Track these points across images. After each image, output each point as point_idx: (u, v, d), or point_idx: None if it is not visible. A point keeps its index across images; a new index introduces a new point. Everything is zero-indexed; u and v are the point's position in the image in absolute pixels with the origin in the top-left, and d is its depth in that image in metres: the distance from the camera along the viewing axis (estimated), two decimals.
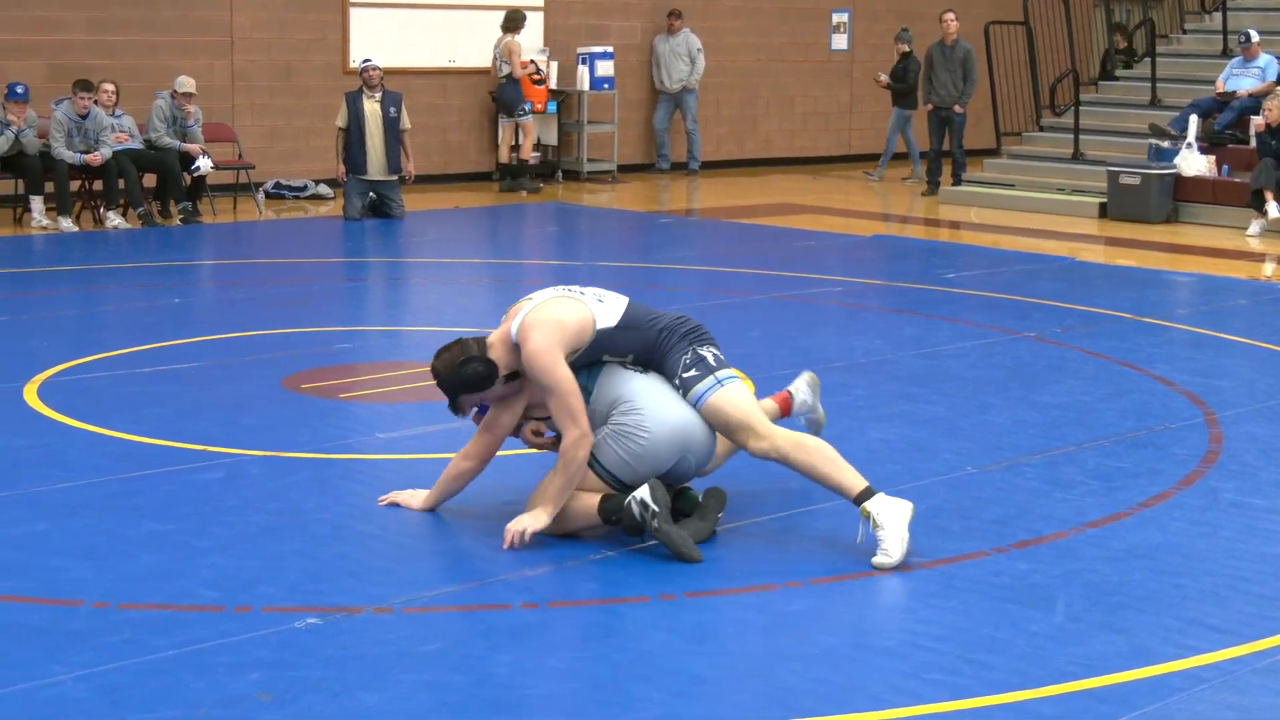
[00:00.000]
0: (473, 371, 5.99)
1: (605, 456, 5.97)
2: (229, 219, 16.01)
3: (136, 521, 6.14)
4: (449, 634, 5.12)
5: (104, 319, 10.78)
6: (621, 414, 5.99)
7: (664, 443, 5.96)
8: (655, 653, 4.99)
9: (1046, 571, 5.79)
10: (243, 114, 17.69)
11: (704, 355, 6.08)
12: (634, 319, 6.13)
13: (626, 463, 5.94)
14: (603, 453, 5.97)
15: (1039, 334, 10.24)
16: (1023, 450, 7.42)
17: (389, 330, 10.54)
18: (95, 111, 14.73)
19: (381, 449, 7.32)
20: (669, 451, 5.97)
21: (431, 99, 19.07)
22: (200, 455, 7.10)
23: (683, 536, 5.77)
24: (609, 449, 5.97)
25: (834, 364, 9.21)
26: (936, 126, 18.92)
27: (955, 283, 12.40)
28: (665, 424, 5.96)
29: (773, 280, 12.46)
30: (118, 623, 5.12)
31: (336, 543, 5.96)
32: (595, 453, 5.97)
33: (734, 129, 22.07)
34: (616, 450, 5.95)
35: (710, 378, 6.03)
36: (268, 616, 5.20)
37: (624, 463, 5.94)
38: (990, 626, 5.25)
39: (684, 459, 6.03)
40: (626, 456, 5.94)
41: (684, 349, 6.08)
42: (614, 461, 5.96)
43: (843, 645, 5.08)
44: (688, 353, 6.07)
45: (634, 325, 6.11)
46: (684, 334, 6.12)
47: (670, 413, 5.99)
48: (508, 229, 16.42)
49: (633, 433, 5.95)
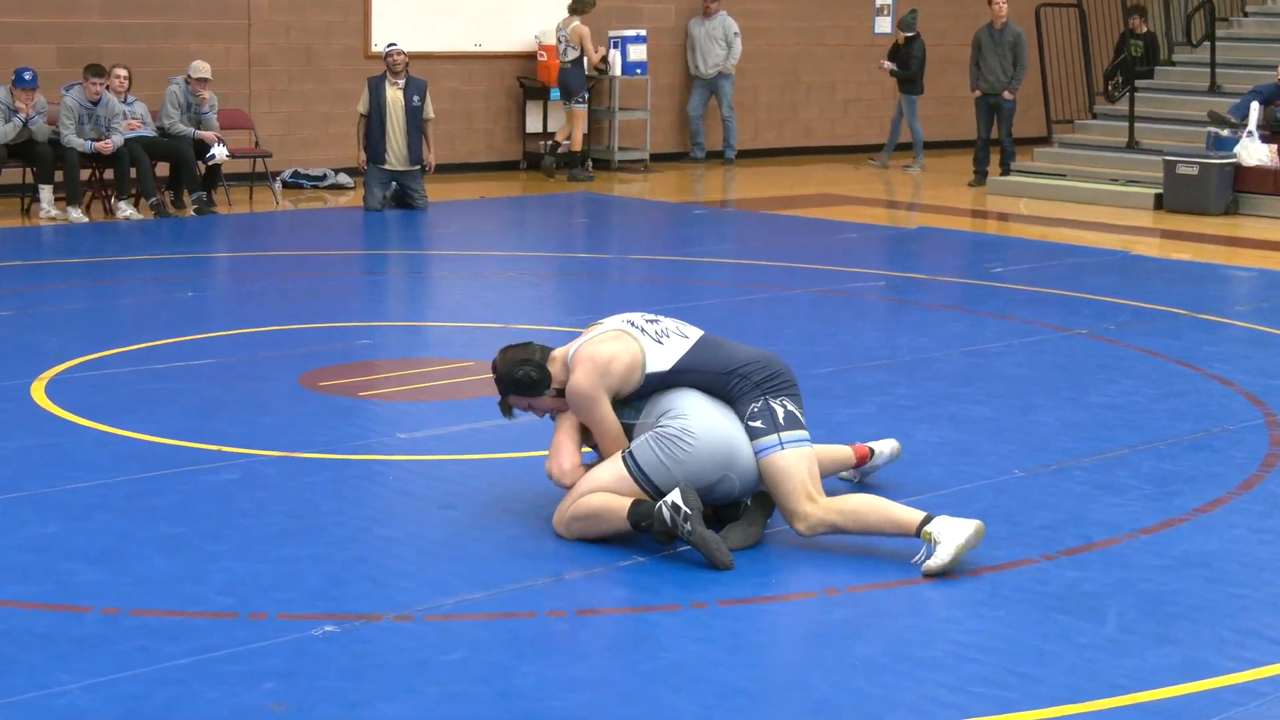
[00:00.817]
0: (524, 375, 6.14)
1: (643, 457, 5.97)
2: (245, 209, 16.05)
3: (148, 524, 6.16)
4: (472, 643, 5.13)
5: (115, 313, 10.82)
6: (668, 419, 6.02)
7: (708, 455, 5.95)
8: (687, 663, 4.99)
9: (1097, 580, 5.77)
10: (260, 100, 17.75)
11: (773, 408, 6.07)
12: (698, 362, 6.13)
13: (665, 467, 5.93)
14: (641, 454, 5.98)
15: (1090, 331, 10.21)
16: (1073, 453, 7.40)
17: (411, 326, 10.56)
18: (107, 98, 14.79)
19: (403, 450, 7.34)
20: (712, 465, 5.97)
21: (456, 84, 19.10)
22: (215, 455, 7.12)
23: (717, 541, 5.77)
24: (649, 450, 5.97)
25: (876, 362, 9.20)
26: (985, 113, 18.87)
27: (1003, 277, 12.36)
28: (712, 435, 5.96)
29: (812, 274, 12.44)
30: (128, 629, 5.15)
31: (355, 547, 5.98)
32: (634, 453, 5.98)
33: (772, 116, 22.04)
34: (657, 453, 5.95)
35: (773, 435, 6.03)
36: (283, 624, 5.21)
37: (663, 467, 5.93)
38: (1038, 637, 5.24)
39: (727, 479, 6.02)
40: (666, 461, 5.93)
41: (755, 397, 6.08)
42: (652, 464, 5.96)
43: (884, 656, 5.07)
44: (757, 401, 6.08)
45: (696, 369, 6.12)
46: (758, 381, 6.10)
47: (719, 426, 6.00)
48: (535, 220, 16.44)
49: (677, 437, 5.95)
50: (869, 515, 5.95)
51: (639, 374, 6.09)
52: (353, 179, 17.65)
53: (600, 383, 6.04)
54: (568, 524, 6.03)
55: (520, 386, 6.17)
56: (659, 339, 6.16)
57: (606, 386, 6.05)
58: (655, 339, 6.16)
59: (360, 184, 16.68)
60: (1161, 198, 16.93)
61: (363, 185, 16.16)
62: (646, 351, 6.11)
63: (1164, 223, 16.09)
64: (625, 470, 5.98)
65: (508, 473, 6.90)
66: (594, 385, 6.04)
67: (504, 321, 10.21)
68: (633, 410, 6.15)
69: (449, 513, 6.37)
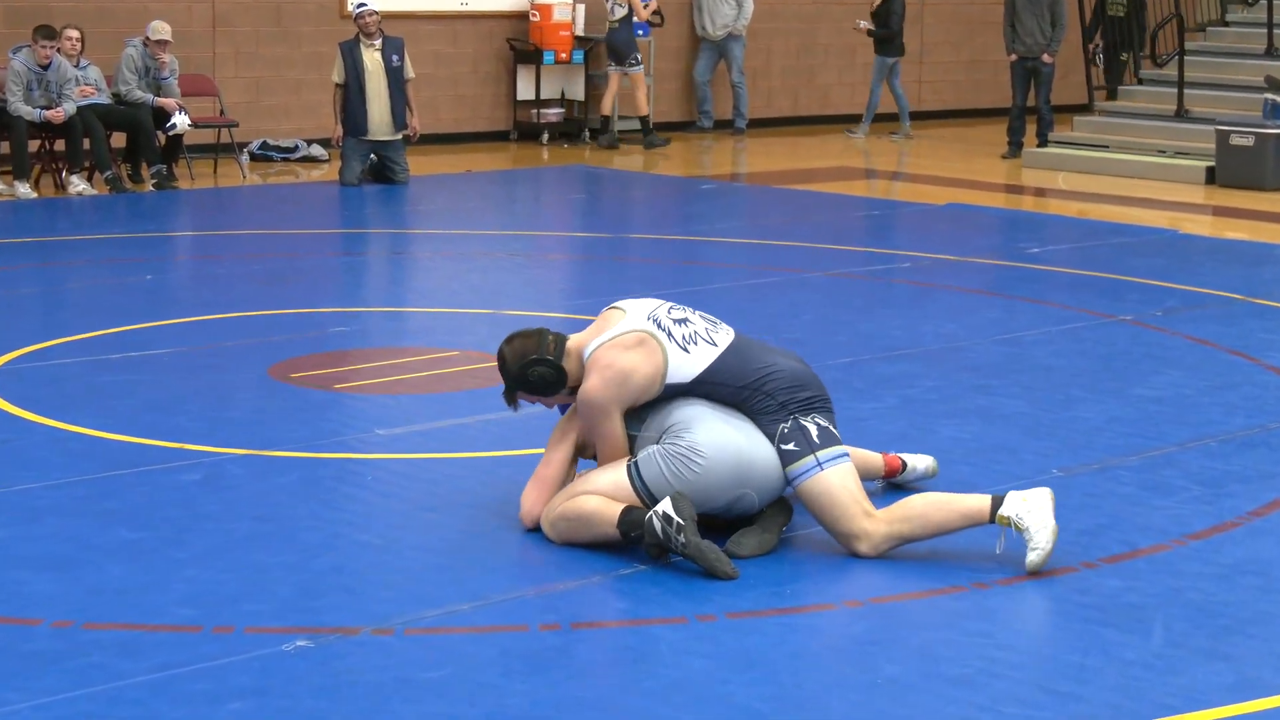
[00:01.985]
0: (538, 376, 6.10)
1: (650, 474, 5.95)
2: (209, 184, 16.05)
3: (104, 529, 6.17)
4: (458, 659, 5.14)
5: (67, 298, 10.82)
6: (675, 435, 6.00)
7: (720, 473, 5.94)
8: (694, 681, 5.00)
9: (1143, 590, 5.78)
10: (225, 64, 17.74)
11: (805, 428, 6.04)
12: (720, 374, 6.09)
13: (672, 487, 5.90)
14: (648, 469, 5.96)
15: (1135, 317, 10.21)
16: (1116, 451, 7.41)
17: (391, 312, 10.57)
18: (58, 61, 14.78)
19: (382, 447, 7.34)
20: (727, 483, 5.96)
21: (440, 47, 19.10)
22: (176, 454, 7.13)
23: (716, 551, 5.76)
24: (655, 467, 5.95)
25: (900, 351, 9.20)
26: (1021, 79, 18.86)
27: (1040, 258, 12.36)
28: (723, 452, 5.94)
29: (830, 255, 12.44)
30: (82, 644, 5.15)
31: (330, 554, 5.98)
32: (639, 467, 5.97)
33: (787, 82, 22.04)
34: (664, 471, 5.93)
35: (810, 457, 6.01)
36: (252, 638, 5.22)
37: (669, 486, 5.90)
38: (1078, 653, 5.24)
39: (745, 496, 6.01)
40: (674, 480, 5.91)
41: (782, 417, 6.06)
42: (657, 480, 5.93)
43: (909, 674, 5.08)
44: (786, 421, 6.05)
45: (716, 381, 6.10)
46: (784, 400, 6.07)
47: (730, 441, 5.98)
48: (527, 196, 16.44)
49: (686, 455, 5.93)
50: (936, 514, 5.97)
51: (658, 386, 6.08)
52: (327, 151, 17.66)
53: (616, 395, 6.01)
54: (554, 522, 6.02)
55: (533, 388, 6.14)
56: (685, 345, 6.10)
57: (621, 399, 6.03)
58: (682, 346, 6.10)
59: (336, 156, 16.67)
60: (1214, 171, 16.92)
61: (338, 158, 16.15)
62: (670, 362, 6.06)
63: (1216, 198, 16.09)
64: (628, 481, 5.99)
65: (497, 473, 6.90)
66: (609, 398, 6.01)
67: (493, 307, 10.22)
68: (635, 420, 6.13)
69: (433, 517, 6.37)
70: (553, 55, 19.31)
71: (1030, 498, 5.89)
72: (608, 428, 6.05)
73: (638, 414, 6.13)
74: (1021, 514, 5.86)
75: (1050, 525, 5.84)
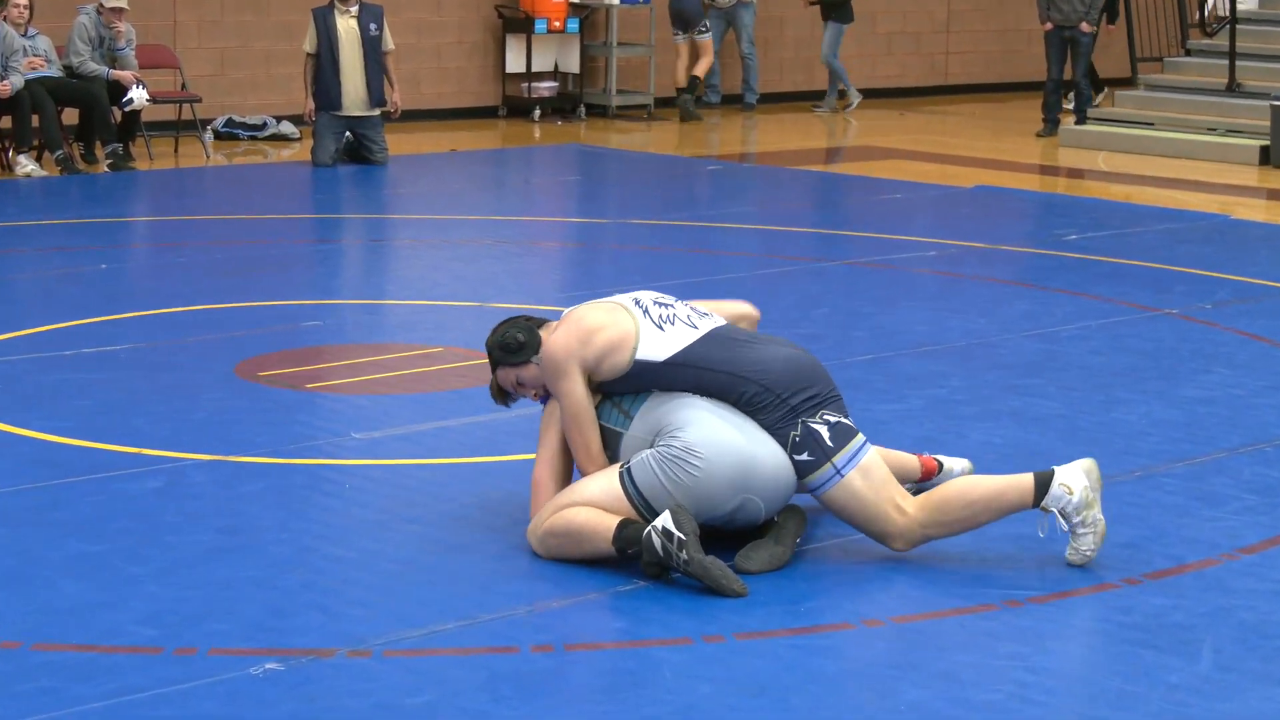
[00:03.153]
0: (510, 337, 6.21)
1: (644, 479, 5.95)
2: (169, 165, 16.06)
3: (56, 541, 6.17)
4: (442, 683, 5.15)
5: (14, 289, 10.82)
6: (669, 436, 6.01)
7: (720, 477, 5.93)
8: (699, 706, 5.00)
9: (1190, 609, 5.78)
10: (187, 34, 17.75)
11: (815, 431, 6.06)
12: (702, 358, 6.13)
13: (669, 493, 5.90)
14: (641, 475, 5.95)
15: (1182, 311, 10.22)
16: (1161, 457, 7.41)
17: (368, 304, 10.58)
18: (4, 31, 14.78)
19: (358, 452, 7.35)
20: (727, 489, 5.95)
21: (422, 14, 19.11)
22: (134, 459, 7.13)
23: (721, 567, 5.76)
24: (649, 472, 5.94)
25: (925, 348, 9.21)
26: (1057, 49, 18.85)
27: (1078, 246, 12.37)
28: (723, 453, 5.94)
29: (848, 242, 12.45)
30: (31, 667, 5.16)
31: (302, 570, 5.99)
32: (632, 472, 5.97)
33: (801, 54, 22.04)
34: (659, 476, 5.93)
35: (827, 466, 6.04)
36: (216, 660, 5.23)
37: (665, 493, 5.91)
38: (1118, 677, 5.25)
39: (749, 502, 6.01)
40: (670, 486, 5.91)
41: (790, 423, 6.07)
42: (654, 489, 5.93)
43: (934, 699, 5.09)
44: (795, 428, 6.08)
45: (698, 365, 6.13)
46: (795, 405, 6.07)
47: (730, 441, 5.98)
48: (516, 178, 16.45)
49: (682, 457, 5.93)
50: (974, 504, 6.05)
51: (625, 356, 6.10)
52: (298, 128, 17.66)
53: (577, 351, 6.08)
54: (542, 538, 6.03)
55: (507, 349, 6.21)
56: (660, 324, 6.17)
57: (582, 359, 6.08)
58: (657, 324, 6.17)
59: (308, 134, 16.67)
60: (1269, 150, 16.93)
61: (310, 136, 16.15)
62: (641, 334, 6.12)
63: (1271, 180, 16.10)
64: (620, 489, 5.99)
65: (484, 480, 6.92)
66: (569, 353, 6.08)
67: (480, 300, 10.23)
68: (621, 415, 6.14)
69: (414, 528, 6.38)
70: (545, 24, 19.32)
71: (1075, 487, 5.98)
72: (566, 385, 6.08)
73: (623, 409, 6.14)
74: (1069, 510, 5.98)
75: (1099, 526, 5.99)
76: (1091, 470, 6.05)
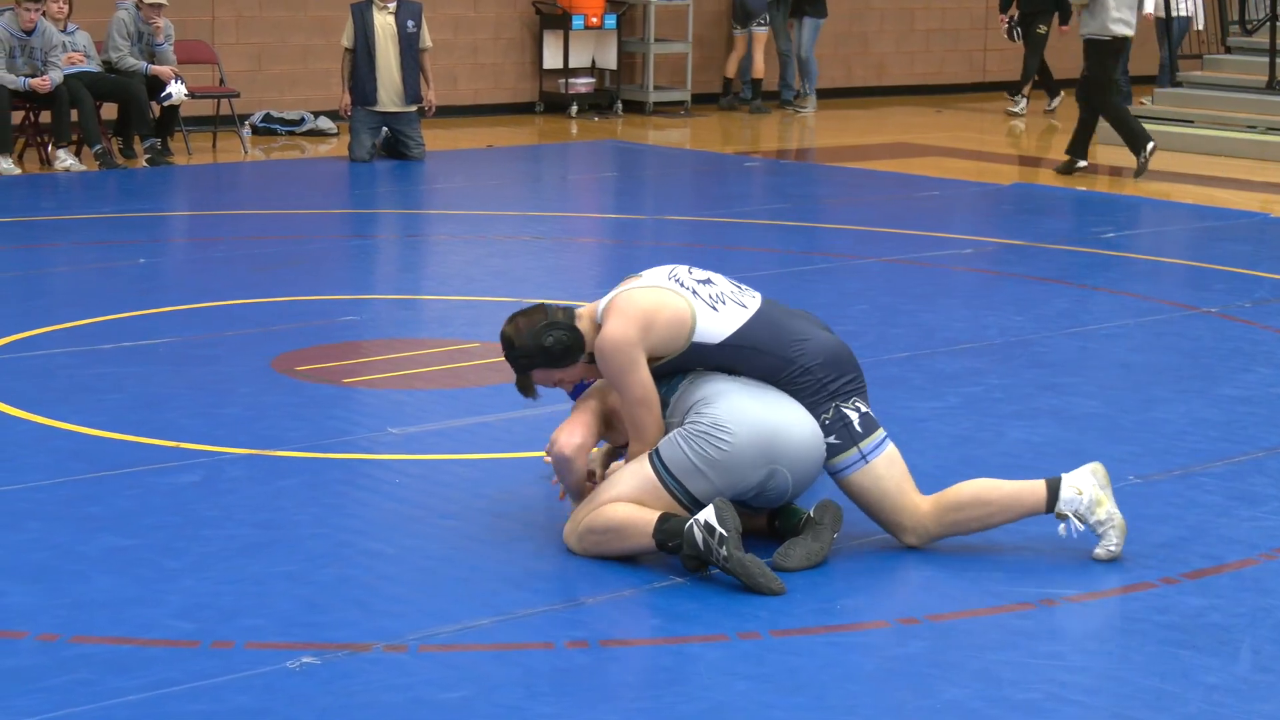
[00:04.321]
0: (556, 340, 6.04)
1: (672, 458, 5.93)
2: (207, 159, 16.09)
3: (91, 535, 6.19)
4: (478, 678, 5.15)
5: (53, 283, 10.86)
6: (696, 413, 5.98)
7: (749, 451, 5.91)
8: (735, 705, 5.00)
9: (1228, 609, 5.76)
10: (225, 29, 17.78)
11: (846, 416, 6.10)
12: (757, 339, 6.10)
13: (698, 470, 5.90)
14: (669, 454, 5.93)
15: (1222, 309, 10.19)
16: (1200, 456, 7.39)
17: (405, 300, 10.58)
18: (44, 26, 14.82)
19: (395, 448, 7.36)
20: (756, 461, 5.93)
21: (459, 11, 19.12)
22: (170, 453, 7.15)
23: (759, 565, 5.75)
24: (677, 450, 5.92)
25: (962, 345, 9.19)
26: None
27: (1116, 244, 12.34)
28: (751, 426, 5.93)
29: (886, 240, 12.43)
30: (68, 660, 5.17)
31: (338, 564, 5.99)
32: (660, 453, 5.96)
33: (839, 50, 22.01)
34: (686, 453, 5.92)
35: (853, 450, 6.09)
36: (252, 654, 5.23)
37: (695, 470, 5.91)
38: (1155, 677, 5.23)
39: (776, 474, 6.00)
40: (699, 462, 5.91)
41: (825, 405, 6.10)
42: (683, 467, 5.92)
43: (972, 698, 5.07)
44: (828, 411, 6.10)
45: (756, 346, 6.10)
46: (834, 389, 6.10)
47: (757, 413, 5.96)
48: (552, 174, 16.45)
49: (710, 433, 5.91)
50: (988, 505, 6.10)
51: (684, 338, 6.04)
52: (336, 124, 17.68)
53: (640, 338, 5.95)
54: (581, 536, 6.00)
55: (552, 356, 6.06)
56: (713, 304, 6.10)
57: (646, 342, 5.98)
58: (710, 304, 6.09)
59: (345, 130, 16.68)
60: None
61: (348, 131, 16.16)
62: (698, 315, 6.05)
63: None
64: (652, 473, 5.97)
65: (521, 475, 6.92)
66: (632, 343, 5.93)
67: (516, 295, 10.22)
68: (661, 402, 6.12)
69: (450, 523, 6.38)
70: (582, 20, 19.31)
71: (1084, 487, 6.04)
72: (634, 377, 5.96)
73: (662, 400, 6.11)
74: (1083, 511, 6.03)
75: (1118, 522, 6.03)
76: (1098, 470, 6.10)
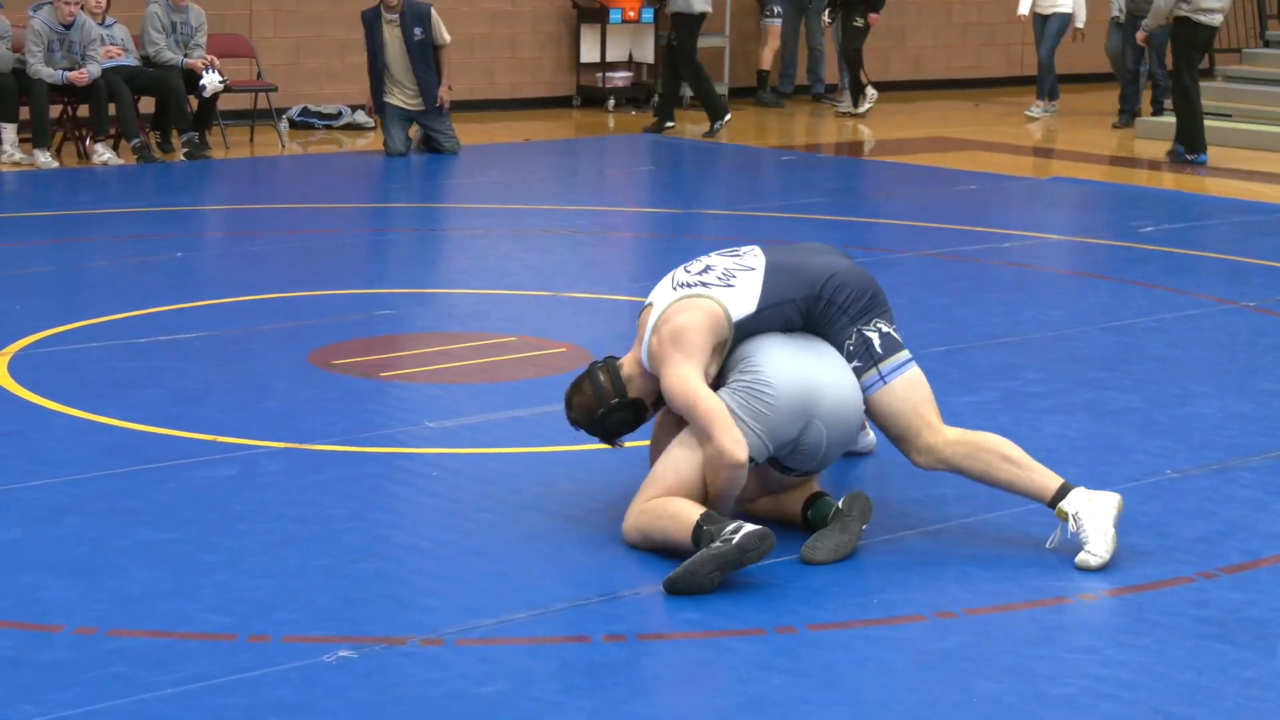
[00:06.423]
0: (618, 421, 6.27)
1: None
2: (245, 153, 16.12)
3: (128, 529, 6.21)
4: (514, 673, 5.15)
5: (89, 278, 10.89)
6: (741, 370, 6.08)
7: (788, 405, 5.98)
8: (771, 699, 5.00)
9: (1266, 604, 5.74)
10: (262, 23, 17.81)
11: (867, 338, 6.17)
12: (784, 291, 6.17)
13: (745, 425, 5.96)
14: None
15: (1259, 304, 10.15)
16: (1237, 450, 7.37)
17: (441, 294, 10.59)
18: (82, 20, 14.85)
19: (431, 441, 7.36)
20: (795, 414, 5.99)
21: (496, 4, 19.13)
22: (207, 447, 7.16)
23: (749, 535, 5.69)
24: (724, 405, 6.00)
25: (999, 340, 9.17)
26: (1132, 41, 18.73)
27: (1153, 238, 12.30)
28: (790, 382, 6.00)
29: (922, 234, 12.41)
30: (105, 653, 5.18)
31: (374, 558, 6.00)
32: None
33: (875, 44, 21.95)
34: (734, 408, 5.98)
35: (873, 370, 6.15)
36: (289, 648, 5.25)
37: (742, 424, 5.95)
38: (1193, 671, 5.22)
39: (812, 427, 6.02)
40: (745, 414, 5.96)
41: (847, 331, 6.17)
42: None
43: (1007, 693, 5.07)
44: (850, 336, 6.17)
45: (782, 298, 6.17)
46: (853, 313, 6.17)
47: (794, 369, 6.04)
48: (589, 168, 16.44)
49: (754, 388, 6.01)
50: (999, 471, 6.10)
51: (727, 327, 6.11)
52: (372, 118, 17.70)
53: (700, 368, 6.03)
54: (637, 515, 6.02)
55: (622, 430, 6.32)
56: (726, 282, 6.18)
57: (700, 363, 6.05)
58: (723, 285, 6.18)
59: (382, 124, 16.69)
60: None
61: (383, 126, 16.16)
62: (723, 301, 6.13)
63: None
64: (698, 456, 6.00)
65: (557, 470, 6.92)
66: (690, 375, 5.99)
67: (552, 289, 10.23)
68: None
69: (486, 517, 6.39)
70: (619, 14, 19.31)
71: (1096, 499, 6.00)
72: (702, 408, 5.94)
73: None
74: (1081, 515, 5.98)
75: (1109, 534, 5.95)
76: (1118, 500, 6.03)
